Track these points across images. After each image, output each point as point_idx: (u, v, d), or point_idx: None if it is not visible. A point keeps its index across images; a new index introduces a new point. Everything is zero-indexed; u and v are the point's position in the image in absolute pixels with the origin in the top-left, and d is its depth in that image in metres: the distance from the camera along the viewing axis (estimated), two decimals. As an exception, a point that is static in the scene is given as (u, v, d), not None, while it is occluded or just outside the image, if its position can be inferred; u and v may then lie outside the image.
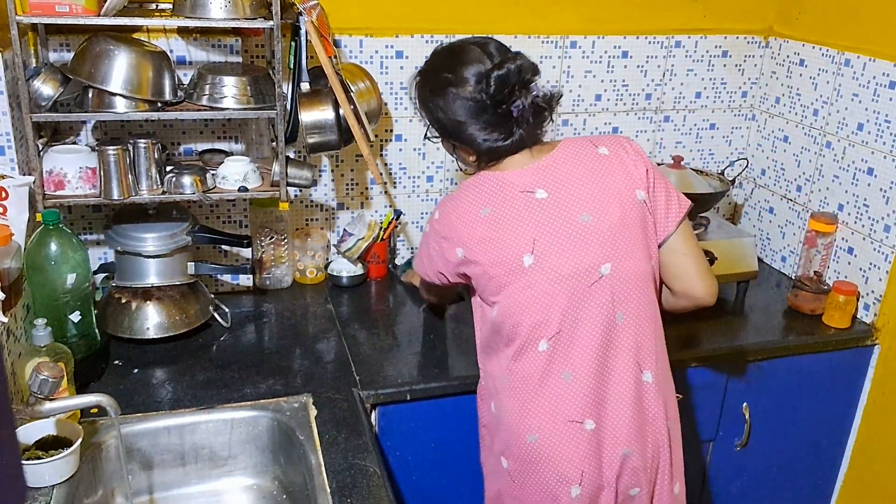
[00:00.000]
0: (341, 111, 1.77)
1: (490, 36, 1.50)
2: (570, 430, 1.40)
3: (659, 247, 1.46)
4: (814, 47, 2.21)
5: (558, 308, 1.38)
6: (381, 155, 2.18)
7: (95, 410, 1.50)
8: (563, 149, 1.45)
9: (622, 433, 1.40)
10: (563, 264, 1.37)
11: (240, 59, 1.94)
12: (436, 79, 1.44)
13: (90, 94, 1.64)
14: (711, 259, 2.09)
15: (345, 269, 2.16)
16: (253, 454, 1.62)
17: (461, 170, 1.58)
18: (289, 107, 1.78)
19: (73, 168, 1.68)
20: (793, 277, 2.25)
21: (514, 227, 1.39)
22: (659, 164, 2.29)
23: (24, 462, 1.33)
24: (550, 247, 1.38)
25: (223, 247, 2.08)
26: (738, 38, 2.36)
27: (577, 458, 1.40)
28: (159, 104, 1.68)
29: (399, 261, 2.29)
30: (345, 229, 2.14)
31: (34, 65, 1.72)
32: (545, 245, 1.38)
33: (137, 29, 1.79)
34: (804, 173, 2.27)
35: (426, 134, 1.54)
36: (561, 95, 1.47)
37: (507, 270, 1.39)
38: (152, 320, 1.81)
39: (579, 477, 1.40)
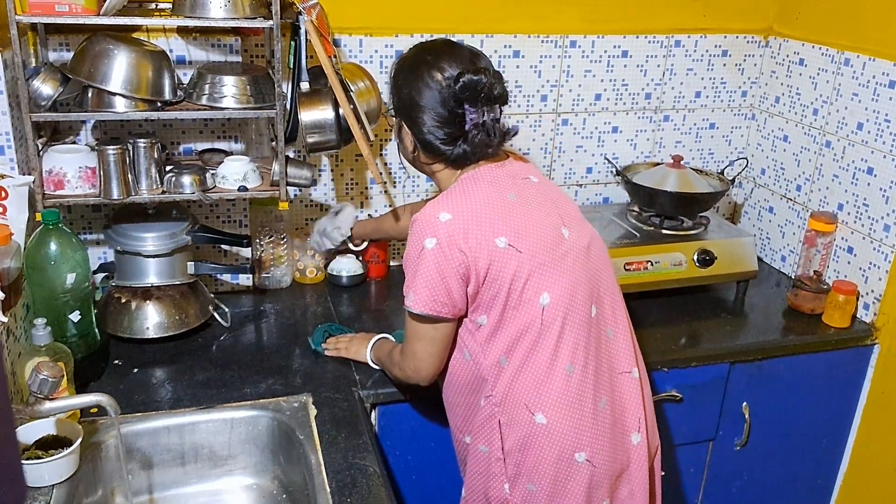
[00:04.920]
0: (341, 111, 1.77)
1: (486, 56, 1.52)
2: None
3: None
4: (814, 47, 2.21)
5: (589, 274, 1.46)
6: (381, 154, 2.18)
7: (95, 410, 1.50)
8: (511, 157, 1.53)
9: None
10: (584, 235, 1.48)
11: (239, 59, 1.94)
12: (416, 57, 1.48)
13: (90, 94, 1.64)
14: (711, 259, 2.09)
15: (344, 268, 2.15)
16: (253, 454, 1.62)
17: (401, 159, 1.60)
18: (288, 106, 1.78)
19: (72, 168, 1.68)
20: (792, 277, 2.25)
21: (541, 206, 1.44)
22: (658, 164, 2.30)
23: (23, 462, 1.33)
24: (572, 220, 1.48)
25: (223, 246, 2.08)
26: (737, 37, 2.36)
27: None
28: (159, 104, 1.68)
29: (395, 262, 2.28)
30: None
31: (34, 64, 1.72)
32: (569, 218, 1.47)
33: (137, 28, 1.79)
34: (804, 173, 2.27)
35: (387, 110, 1.56)
36: (516, 133, 1.50)
37: (551, 248, 1.40)
38: (152, 320, 1.81)
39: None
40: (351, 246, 2.06)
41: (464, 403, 1.50)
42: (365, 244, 2.09)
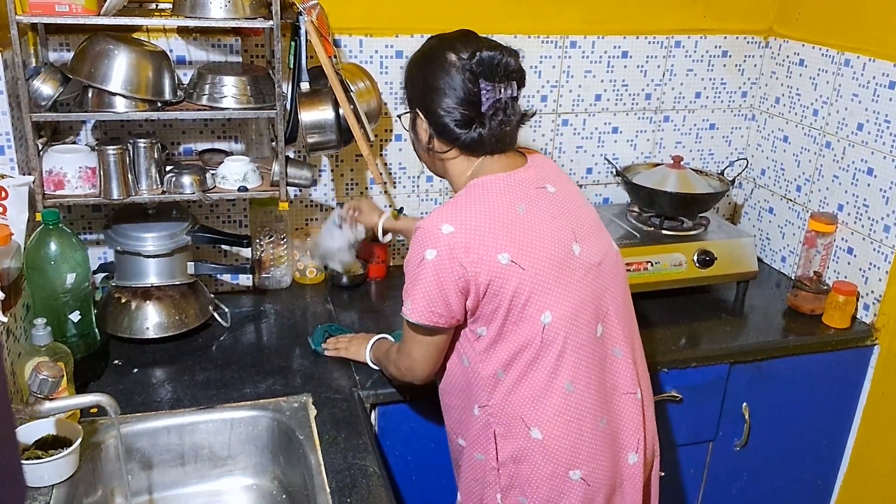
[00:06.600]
0: (341, 111, 1.77)
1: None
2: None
3: None
4: (814, 47, 2.21)
5: (596, 293, 1.41)
6: (381, 155, 2.18)
7: (95, 410, 1.50)
8: (532, 157, 1.49)
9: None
10: (597, 250, 1.43)
11: (240, 59, 1.94)
12: (430, 46, 1.46)
13: (90, 94, 1.64)
14: (711, 259, 2.09)
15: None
16: (252, 454, 1.62)
17: (417, 152, 1.53)
18: (288, 106, 1.78)
19: (72, 168, 1.68)
20: (792, 277, 2.25)
21: (553, 220, 1.39)
22: (658, 165, 2.30)
23: (23, 462, 1.33)
24: (586, 235, 1.42)
25: (223, 247, 2.08)
26: (738, 38, 2.36)
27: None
28: (159, 104, 1.68)
29: (395, 262, 2.28)
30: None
31: (34, 64, 1.72)
32: (583, 233, 1.42)
33: (137, 28, 1.79)
34: (804, 173, 2.27)
35: (400, 113, 1.53)
36: (533, 114, 1.45)
37: (557, 265, 1.35)
38: (152, 320, 1.81)
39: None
40: (380, 237, 1.95)
41: (459, 406, 1.49)
42: (389, 236, 1.98)
